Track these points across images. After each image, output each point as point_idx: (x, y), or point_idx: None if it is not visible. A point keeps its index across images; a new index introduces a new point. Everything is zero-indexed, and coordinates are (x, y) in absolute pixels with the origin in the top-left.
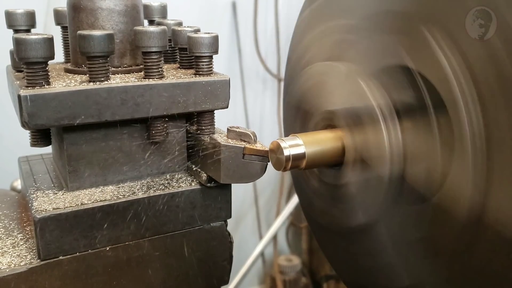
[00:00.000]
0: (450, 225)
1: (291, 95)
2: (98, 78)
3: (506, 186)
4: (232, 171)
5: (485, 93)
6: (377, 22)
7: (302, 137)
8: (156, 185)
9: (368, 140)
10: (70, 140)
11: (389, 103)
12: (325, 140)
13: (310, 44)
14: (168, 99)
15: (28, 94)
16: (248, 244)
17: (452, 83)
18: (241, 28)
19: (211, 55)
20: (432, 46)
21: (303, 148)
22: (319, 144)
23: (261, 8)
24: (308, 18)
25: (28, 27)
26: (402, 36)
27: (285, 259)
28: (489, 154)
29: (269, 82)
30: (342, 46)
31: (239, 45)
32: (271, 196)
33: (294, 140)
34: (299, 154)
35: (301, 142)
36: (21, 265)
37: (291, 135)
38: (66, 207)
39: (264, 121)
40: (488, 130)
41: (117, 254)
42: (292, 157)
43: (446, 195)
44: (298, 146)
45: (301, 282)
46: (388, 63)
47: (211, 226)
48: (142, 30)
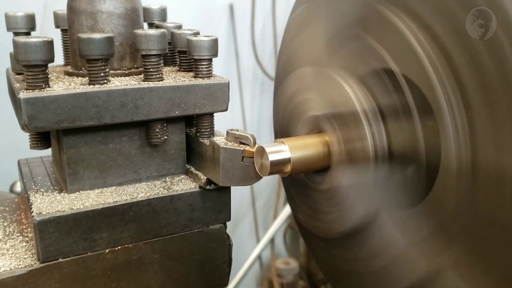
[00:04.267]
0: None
1: (279, 98)
2: (98, 81)
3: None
4: (231, 173)
5: (470, 94)
6: (362, 26)
7: (287, 142)
8: (156, 188)
9: (353, 144)
10: (69, 142)
11: (374, 106)
12: (311, 145)
13: (298, 46)
14: (167, 102)
15: (28, 97)
16: (245, 247)
17: (436, 84)
18: (238, 30)
19: (211, 58)
20: (416, 48)
21: (288, 154)
22: (304, 149)
23: (259, 11)
24: (298, 19)
25: (28, 30)
26: (385, 39)
27: (283, 262)
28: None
29: (267, 84)
30: (328, 50)
31: (236, 47)
32: (269, 199)
33: (279, 146)
34: (284, 159)
35: (286, 147)
36: (20, 268)
37: (276, 140)
38: (66, 209)
39: (262, 123)
40: (473, 131)
41: (116, 257)
42: (276, 162)
43: (435, 196)
44: (283, 151)
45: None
46: (372, 67)
47: (211, 229)
48: (142, 33)
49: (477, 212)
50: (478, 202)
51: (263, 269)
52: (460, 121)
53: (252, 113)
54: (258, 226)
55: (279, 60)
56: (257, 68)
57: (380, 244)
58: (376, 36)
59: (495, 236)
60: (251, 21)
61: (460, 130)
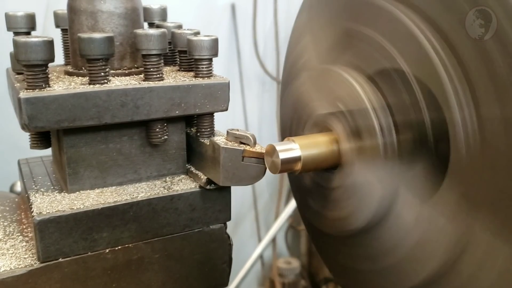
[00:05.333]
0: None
1: (288, 97)
2: (98, 81)
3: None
4: (232, 173)
5: (479, 92)
6: (373, 26)
7: (297, 140)
8: (156, 188)
9: (364, 143)
10: (69, 142)
11: (383, 103)
12: (321, 143)
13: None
14: (168, 102)
15: (28, 96)
16: (247, 246)
17: (446, 84)
18: (240, 30)
19: (211, 57)
20: (426, 48)
21: (299, 152)
22: (314, 147)
23: (260, 10)
24: (305, 20)
25: (28, 30)
26: (396, 39)
27: (284, 261)
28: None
29: (268, 84)
30: (338, 49)
31: (238, 47)
32: (270, 198)
33: (290, 144)
34: (294, 157)
35: (297, 145)
36: (20, 267)
37: (286, 139)
38: (66, 209)
39: (263, 123)
40: (482, 130)
41: (116, 257)
42: (287, 160)
43: (445, 193)
44: (294, 149)
45: (300, 285)
46: (382, 66)
47: (211, 229)
48: (142, 33)
49: (490, 193)
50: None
51: (265, 268)
52: (469, 114)
53: (253, 112)
54: (259, 226)
55: (287, 61)
56: (258, 67)
57: (393, 239)
58: (384, 34)
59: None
60: (253, 21)
61: (468, 122)
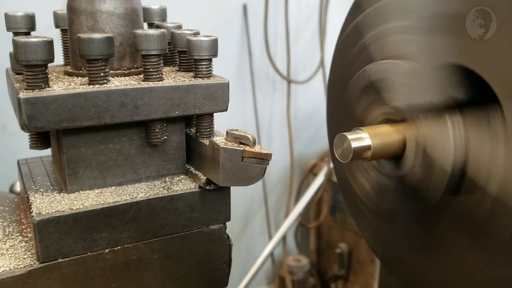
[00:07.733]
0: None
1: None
2: (98, 81)
3: None
4: (231, 174)
5: None
6: (434, 23)
7: (366, 130)
8: (155, 188)
9: (432, 134)
10: (69, 142)
11: (450, 99)
12: (388, 133)
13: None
14: (167, 102)
15: (27, 97)
16: (257, 244)
17: (506, 80)
18: (251, 30)
19: (210, 58)
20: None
21: (369, 141)
22: (382, 137)
23: (272, 10)
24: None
25: (28, 30)
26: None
27: (293, 259)
28: None
29: (279, 83)
30: (401, 45)
31: (249, 46)
32: (280, 196)
33: (360, 133)
34: (365, 146)
35: (366, 135)
36: (20, 268)
37: (355, 129)
38: (65, 209)
39: (274, 122)
40: None
41: (116, 257)
42: (359, 149)
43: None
44: (364, 138)
45: (309, 282)
46: (445, 61)
47: (210, 229)
48: (141, 33)
49: None
50: None
51: (275, 266)
52: None
53: (264, 111)
54: (270, 224)
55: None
56: (269, 67)
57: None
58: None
59: None
60: (264, 21)
61: None
